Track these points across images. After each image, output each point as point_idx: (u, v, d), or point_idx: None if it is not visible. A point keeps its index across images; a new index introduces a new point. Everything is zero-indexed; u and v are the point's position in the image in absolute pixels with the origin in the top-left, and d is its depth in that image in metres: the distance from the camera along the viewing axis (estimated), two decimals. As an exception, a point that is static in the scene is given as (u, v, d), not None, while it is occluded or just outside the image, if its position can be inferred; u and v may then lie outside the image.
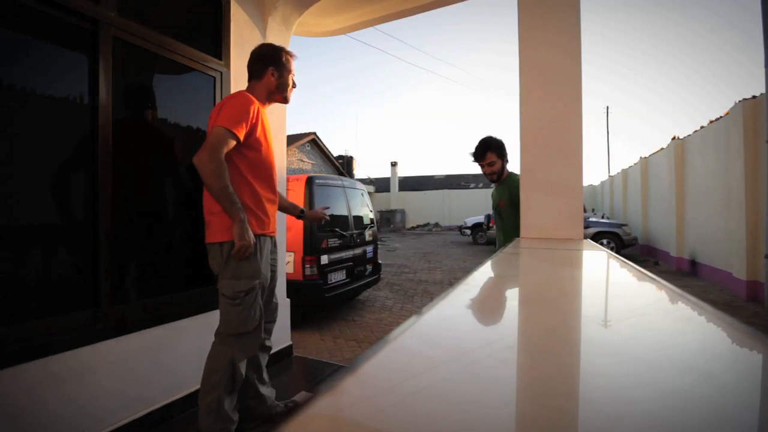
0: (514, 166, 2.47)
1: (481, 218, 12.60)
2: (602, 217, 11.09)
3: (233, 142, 1.57)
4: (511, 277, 0.96)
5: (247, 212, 1.61)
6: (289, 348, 2.86)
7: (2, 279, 1.40)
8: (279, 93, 1.83)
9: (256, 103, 1.66)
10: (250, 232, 1.59)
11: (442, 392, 0.28)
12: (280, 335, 2.74)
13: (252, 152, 1.67)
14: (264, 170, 1.73)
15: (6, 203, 1.41)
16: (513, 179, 2.33)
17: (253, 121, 1.63)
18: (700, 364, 0.34)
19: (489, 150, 2.35)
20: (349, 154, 23.05)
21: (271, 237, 1.80)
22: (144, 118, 1.97)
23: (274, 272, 1.88)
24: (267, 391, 1.86)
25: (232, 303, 1.57)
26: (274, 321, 1.92)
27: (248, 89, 1.79)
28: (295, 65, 1.87)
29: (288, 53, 1.84)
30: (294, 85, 1.88)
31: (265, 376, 1.88)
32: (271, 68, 1.78)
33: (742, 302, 5.31)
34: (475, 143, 2.44)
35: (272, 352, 1.97)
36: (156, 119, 2.01)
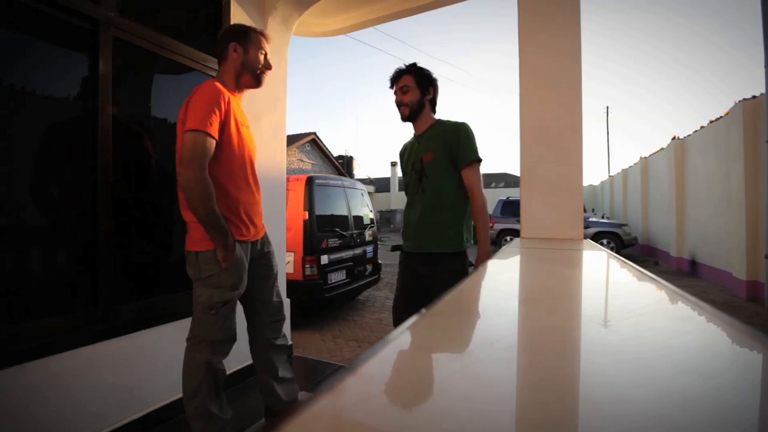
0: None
1: (481, 218, 12.58)
2: (602, 217, 11.09)
3: (213, 144, 1.40)
4: (511, 277, 0.96)
5: (235, 219, 1.51)
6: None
7: (2, 279, 1.40)
8: (246, 71, 1.59)
9: (225, 92, 1.47)
10: (236, 247, 1.50)
11: (442, 392, 0.28)
12: (280, 335, 2.74)
13: (223, 151, 1.47)
14: (239, 169, 1.54)
15: (6, 203, 1.41)
16: (447, 125, 1.83)
17: (224, 112, 1.44)
18: (700, 364, 0.34)
19: (406, 73, 1.85)
20: (349, 154, 23.06)
21: (254, 242, 1.65)
22: (144, 119, 1.97)
23: (269, 272, 1.76)
24: (282, 389, 1.78)
25: (208, 313, 1.49)
26: (281, 319, 1.81)
27: (217, 77, 1.61)
28: (267, 46, 1.65)
29: (257, 31, 1.62)
30: (268, 66, 1.64)
31: (283, 373, 1.79)
32: (233, 43, 1.57)
33: (742, 302, 5.30)
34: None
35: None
36: (156, 119, 2.01)
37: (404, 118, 1.87)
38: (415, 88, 1.83)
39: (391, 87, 1.90)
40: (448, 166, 1.77)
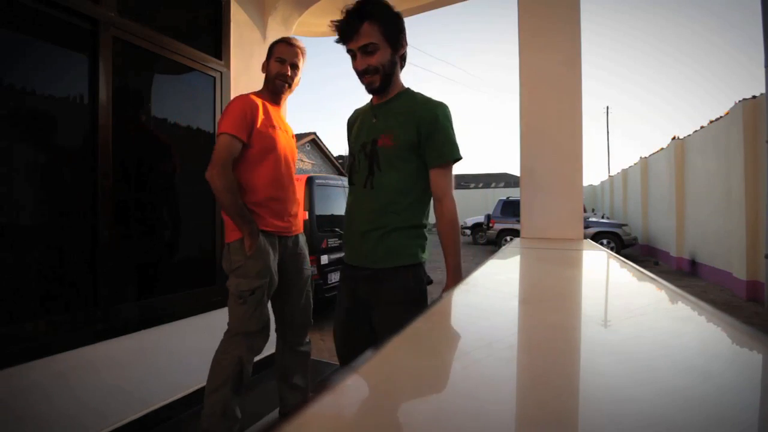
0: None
1: (481, 218, 12.60)
2: (602, 217, 11.09)
3: (238, 146, 1.55)
4: (511, 277, 0.96)
5: (261, 212, 1.61)
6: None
7: (2, 279, 1.40)
8: (268, 82, 1.70)
9: (256, 101, 1.61)
10: (260, 236, 1.57)
11: (441, 392, 0.28)
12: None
13: (254, 151, 1.60)
14: (273, 169, 1.64)
15: (6, 203, 1.42)
16: (420, 100, 1.29)
17: (250, 118, 1.57)
18: (700, 364, 0.34)
19: (369, 18, 1.20)
20: (349, 154, 23.02)
21: (284, 237, 1.70)
22: (144, 119, 1.97)
23: (299, 273, 1.79)
24: (291, 396, 1.81)
25: (237, 302, 1.56)
26: (306, 324, 1.82)
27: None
28: (291, 52, 1.68)
29: (280, 40, 1.71)
30: (286, 73, 1.67)
31: (297, 381, 1.81)
32: (264, 62, 1.73)
33: (742, 302, 5.30)
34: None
35: (272, 352, 1.94)
36: (156, 119, 2.01)
37: (374, 90, 1.27)
38: (384, 43, 1.22)
39: (343, 43, 1.25)
40: (411, 156, 1.26)
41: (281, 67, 1.67)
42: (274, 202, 1.65)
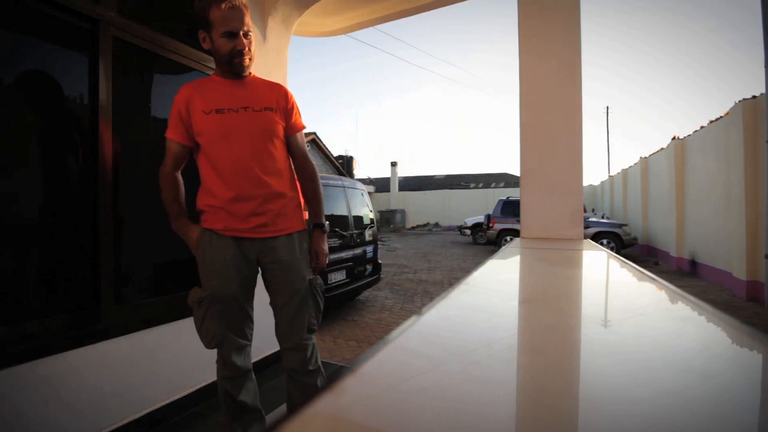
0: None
1: (481, 218, 12.61)
2: (602, 217, 11.09)
3: (178, 148, 1.42)
4: (511, 277, 0.96)
5: (212, 212, 1.40)
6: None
7: (2, 279, 1.40)
8: (220, 63, 1.39)
9: (185, 90, 1.40)
10: (187, 233, 1.44)
11: (442, 392, 0.28)
12: (280, 335, 2.73)
13: (200, 144, 1.40)
14: (221, 159, 1.36)
15: (6, 203, 1.41)
16: None
17: (185, 115, 1.38)
18: (700, 364, 0.34)
19: None
20: (349, 154, 23.06)
21: (249, 239, 1.40)
22: (144, 118, 1.97)
23: (280, 285, 1.46)
24: (299, 392, 1.59)
25: (193, 310, 1.41)
26: (299, 348, 1.49)
27: None
28: (235, 17, 1.30)
29: (215, 1, 1.29)
30: (242, 49, 1.33)
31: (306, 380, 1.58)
32: (200, 32, 1.37)
33: (742, 302, 5.30)
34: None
35: (272, 352, 1.93)
36: (156, 119, 2.01)
37: None
38: None
39: None
40: None
41: (234, 42, 1.33)
42: (230, 202, 1.37)
